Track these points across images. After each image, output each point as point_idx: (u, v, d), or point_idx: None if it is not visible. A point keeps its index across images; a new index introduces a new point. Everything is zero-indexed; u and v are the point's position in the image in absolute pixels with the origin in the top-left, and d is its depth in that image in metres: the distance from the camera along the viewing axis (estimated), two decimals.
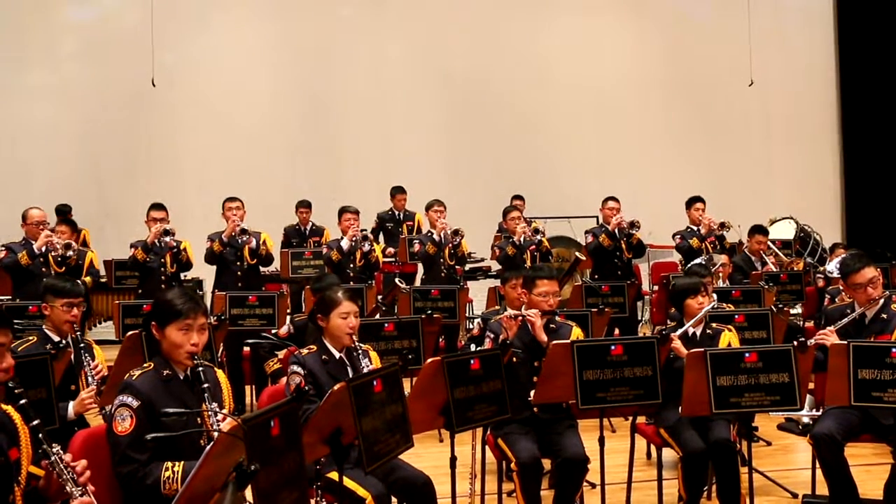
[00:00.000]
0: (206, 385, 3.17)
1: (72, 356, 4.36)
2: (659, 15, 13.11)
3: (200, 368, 3.19)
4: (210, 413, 3.13)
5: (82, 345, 4.43)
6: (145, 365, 3.23)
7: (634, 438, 4.82)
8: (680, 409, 4.23)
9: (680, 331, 4.64)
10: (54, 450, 2.44)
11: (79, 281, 4.61)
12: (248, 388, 7.12)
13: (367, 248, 7.94)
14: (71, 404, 4.02)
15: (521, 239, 8.27)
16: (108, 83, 11.81)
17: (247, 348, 6.99)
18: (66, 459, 2.44)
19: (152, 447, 2.97)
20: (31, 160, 11.61)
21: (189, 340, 3.17)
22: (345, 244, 7.91)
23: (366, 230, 8.17)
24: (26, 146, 11.65)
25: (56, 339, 4.40)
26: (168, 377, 3.17)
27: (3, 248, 7.15)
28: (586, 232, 8.61)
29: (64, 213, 10.25)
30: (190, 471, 2.89)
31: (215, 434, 2.99)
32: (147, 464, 2.99)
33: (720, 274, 7.49)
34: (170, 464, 3.00)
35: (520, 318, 4.53)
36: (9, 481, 2.40)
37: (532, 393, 4.29)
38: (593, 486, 4.80)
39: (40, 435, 2.42)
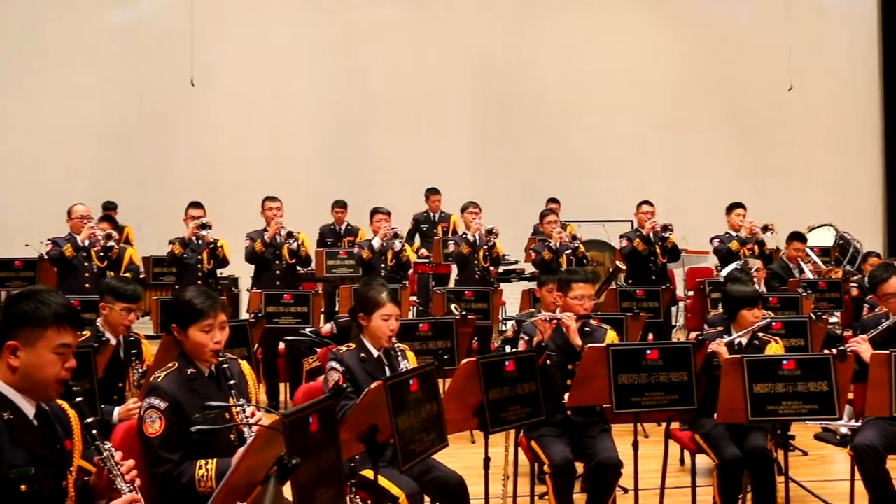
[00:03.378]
0: (232, 382, 3.19)
1: (121, 351, 4.43)
2: (698, 17, 13.01)
3: (226, 365, 3.21)
4: (239, 410, 3.13)
5: (132, 339, 4.49)
6: (169, 365, 3.23)
7: (668, 444, 4.79)
8: (715, 415, 4.19)
9: (727, 339, 4.57)
10: (106, 446, 2.53)
11: (139, 287, 4.62)
12: (282, 385, 7.18)
13: (398, 247, 7.98)
14: (117, 410, 4.05)
15: (558, 243, 8.25)
16: (148, 83, 12.00)
17: (282, 345, 7.05)
18: (117, 458, 2.54)
19: (185, 446, 3.02)
20: (73, 158, 11.85)
21: (212, 339, 3.19)
22: (376, 243, 7.96)
23: (397, 228, 8.20)
24: (68, 145, 11.89)
25: (108, 336, 4.43)
26: (193, 375, 3.18)
27: (49, 242, 7.34)
28: (621, 236, 8.55)
29: (110, 209, 10.52)
30: (223, 468, 2.95)
31: (245, 429, 3.03)
32: (181, 463, 3.03)
33: (755, 278, 7.41)
34: (203, 462, 3.04)
35: (554, 320, 4.52)
36: (64, 468, 2.50)
37: (566, 396, 4.29)
38: (626, 490, 4.77)
39: (94, 432, 2.52)
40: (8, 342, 2.39)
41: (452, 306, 6.92)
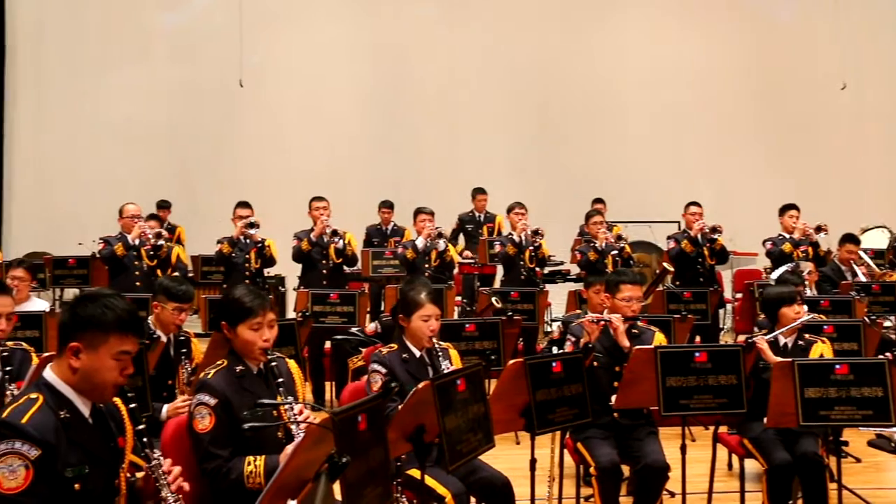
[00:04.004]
0: (280, 380, 3.23)
1: (171, 349, 4.51)
2: (746, 14, 12.80)
3: (274, 363, 3.25)
4: (287, 407, 3.17)
5: (182, 337, 4.57)
6: (219, 362, 3.28)
7: (716, 448, 4.72)
8: (765, 419, 4.13)
9: (769, 336, 4.52)
10: (155, 454, 2.59)
11: (191, 287, 4.71)
12: (328, 384, 7.23)
13: (441, 247, 7.99)
14: (165, 407, 4.13)
15: (604, 244, 8.20)
16: (197, 84, 12.21)
17: (327, 344, 7.10)
18: (165, 467, 2.59)
19: (234, 442, 3.07)
20: (123, 159, 12.10)
21: (261, 337, 3.22)
22: (420, 243, 7.99)
23: (441, 227, 8.21)
24: (119, 145, 12.15)
25: (159, 334, 4.52)
26: (242, 373, 3.22)
27: (101, 241, 7.55)
28: (668, 237, 8.46)
29: (164, 207, 10.76)
30: (271, 464, 2.99)
31: (292, 427, 3.06)
32: (230, 459, 3.08)
33: (807, 282, 7.27)
34: (251, 458, 3.07)
35: (602, 322, 4.49)
36: (116, 465, 2.56)
37: (613, 398, 4.26)
38: (673, 494, 4.73)
39: (144, 439, 2.57)
40: (71, 343, 2.44)
41: (493, 299, 6.93)
